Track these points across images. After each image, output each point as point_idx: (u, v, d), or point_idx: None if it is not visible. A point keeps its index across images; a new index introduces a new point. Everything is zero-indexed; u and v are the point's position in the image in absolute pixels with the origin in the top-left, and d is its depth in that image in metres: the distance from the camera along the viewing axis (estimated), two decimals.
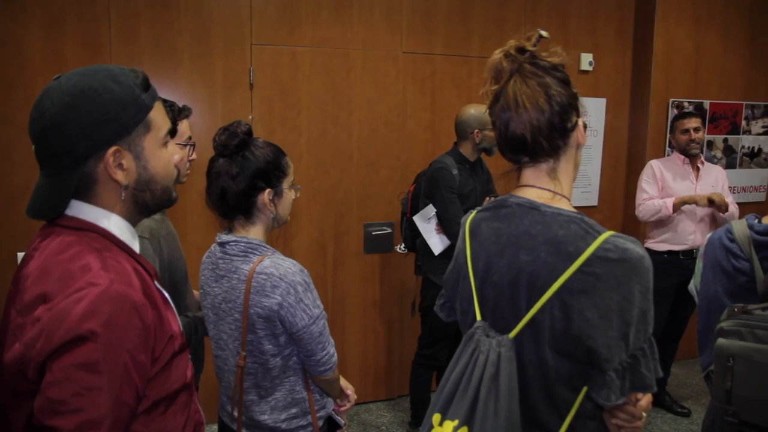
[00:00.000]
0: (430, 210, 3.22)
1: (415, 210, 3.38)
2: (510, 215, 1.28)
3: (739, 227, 1.72)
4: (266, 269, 1.70)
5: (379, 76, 3.88)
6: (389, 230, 3.93)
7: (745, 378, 1.54)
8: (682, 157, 3.87)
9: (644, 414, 1.23)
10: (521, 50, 1.27)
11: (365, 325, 4.06)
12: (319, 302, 1.77)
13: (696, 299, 1.88)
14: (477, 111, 3.25)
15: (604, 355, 1.15)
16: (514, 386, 1.18)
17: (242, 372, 1.77)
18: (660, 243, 3.84)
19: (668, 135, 3.96)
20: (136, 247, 1.21)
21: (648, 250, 3.64)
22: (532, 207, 1.26)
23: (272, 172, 1.78)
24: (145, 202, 1.20)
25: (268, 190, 1.77)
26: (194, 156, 2.17)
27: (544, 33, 1.28)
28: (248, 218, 1.80)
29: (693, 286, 1.93)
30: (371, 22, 3.82)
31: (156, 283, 1.20)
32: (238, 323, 1.75)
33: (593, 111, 4.49)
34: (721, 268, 1.73)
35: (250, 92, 3.60)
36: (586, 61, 4.44)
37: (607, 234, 1.18)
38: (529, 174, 1.31)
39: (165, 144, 1.21)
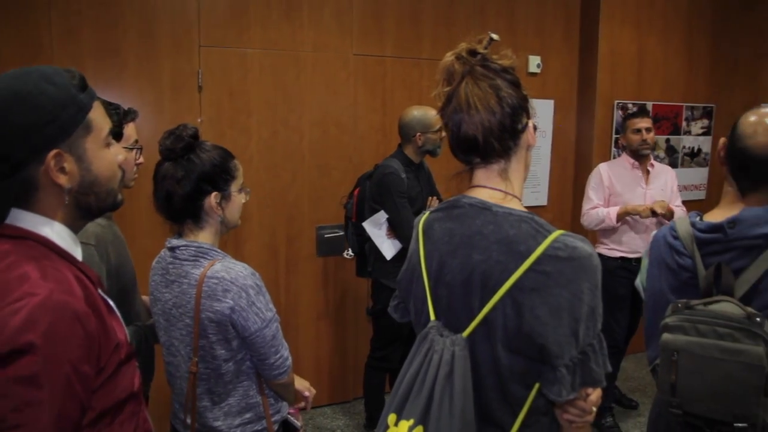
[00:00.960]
0: (381, 216, 3.21)
1: (361, 214, 3.36)
2: (462, 215, 1.30)
3: (682, 225, 1.75)
4: (217, 273, 1.68)
5: (329, 78, 3.86)
6: (342, 233, 3.91)
7: (688, 371, 1.58)
8: (632, 160, 3.78)
9: (594, 408, 1.25)
10: (473, 53, 1.28)
11: (318, 329, 4.03)
12: (271, 305, 1.75)
13: (642, 295, 1.92)
14: (420, 113, 3.25)
15: (555, 352, 1.18)
16: (468, 385, 1.20)
17: (195, 378, 1.74)
18: (612, 249, 3.80)
19: (617, 136, 3.97)
20: (78, 254, 1.17)
21: (601, 256, 3.71)
22: (484, 207, 1.27)
23: (219, 176, 1.76)
24: (88, 205, 1.16)
25: (214, 194, 1.75)
26: (141, 160, 2.12)
27: (495, 36, 1.30)
28: (196, 222, 1.77)
29: (639, 282, 1.97)
30: (321, 24, 3.80)
31: (100, 291, 1.16)
32: (190, 329, 1.72)
33: (542, 112, 4.57)
34: (666, 264, 1.77)
35: (199, 95, 3.54)
36: (534, 63, 4.51)
37: (557, 233, 1.21)
38: (480, 175, 1.33)
39: (107, 145, 1.17)
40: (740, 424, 1.54)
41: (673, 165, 5.09)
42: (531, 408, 1.26)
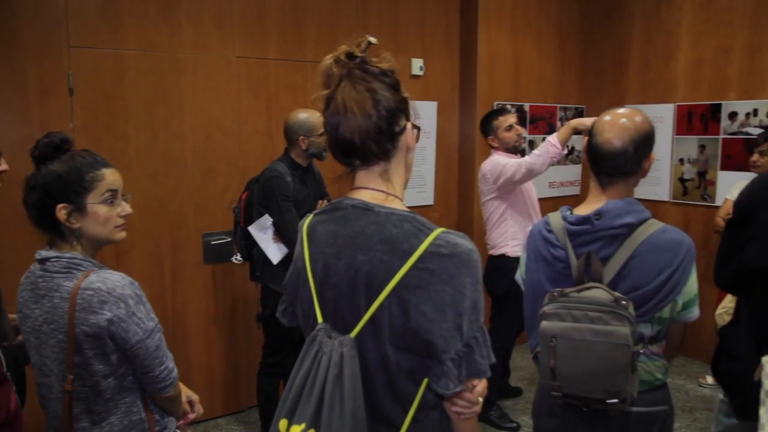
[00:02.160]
0: (266, 220, 3.18)
1: (249, 218, 3.31)
2: (345, 217, 1.31)
3: (555, 219, 1.87)
4: (92, 284, 1.60)
5: (211, 81, 3.77)
6: (229, 239, 3.83)
7: (565, 355, 1.68)
8: (509, 154, 3.80)
9: (480, 399, 1.29)
10: (351, 56, 1.29)
11: (209, 338, 3.93)
12: (153, 315, 1.69)
13: (522, 288, 2.01)
14: (303, 117, 3.23)
15: (440, 347, 1.21)
16: (358, 385, 1.21)
17: (70, 398, 1.64)
18: (516, 249, 3.78)
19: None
20: None
21: (506, 257, 3.81)
22: (367, 208, 1.29)
23: (67, 187, 1.67)
24: None
25: (60, 206, 1.66)
26: (5, 167, 2.00)
27: (372, 39, 1.31)
28: (60, 235, 1.70)
29: (519, 275, 2.06)
30: (201, 26, 3.70)
31: None
32: (63, 345, 1.63)
33: (425, 114, 4.69)
34: (542, 257, 1.87)
35: (70, 99, 3.34)
36: (417, 66, 4.62)
37: (438, 231, 1.24)
38: (362, 176, 1.34)
39: None
40: (612, 400, 1.66)
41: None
42: (420, 403, 1.28)
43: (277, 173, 3.17)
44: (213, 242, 3.84)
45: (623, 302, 1.64)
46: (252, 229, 3.22)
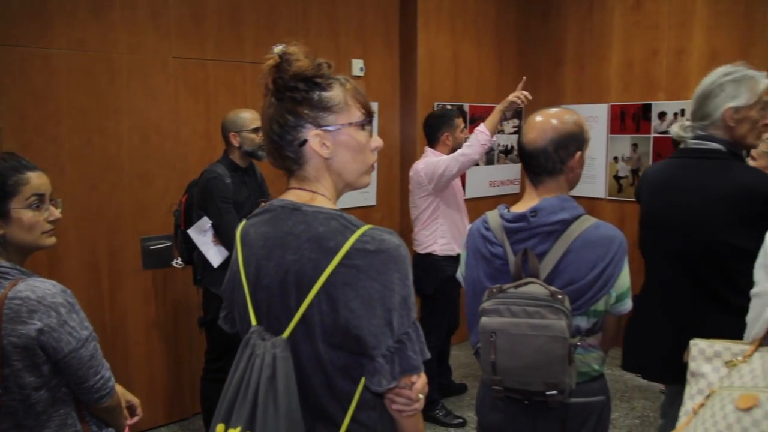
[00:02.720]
0: (205, 222, 3.12)
1: (189, 221, 3.25)
2: (275, 218, 1.33)
3: (493, 217, 1.91)
4: (20, 293, 1.55)
5: (148, 82, 3.68)
6: (169, 243, 3.75)
7: (505, 349, 1.72)
8: (438, 154, 3.82)
9: (420, 396, 1.30)
10: (273, 65, 1.30)
11: (150, 345, 3.83)
12: (87, 324, 1.65)
13: (463, 285, 2.05)
14: (234, 113, 3.21)
15: (371, 343, 1.22)
16: (292, 385, 1.21)
17: None
18: (448, 245, 3.86)
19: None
20: None
21: (433, 256, 3.86)
22: (295, 208, 1.31)
23: None
24: None
25: None
26: None
27: (277, 49, 1.31)
28: None
29: (460, 273, 2.09)
30: (135, 25, 3.61)
31: None
32: None
33: None
34: (481, 254, 1.91)
35: None
36: (357, 66, 4.63)
37: (365, 227, 1.26)
38: (293, 178, 1.37)
39: None
40: (551, 392, 1.71)
41: (491, 162, 5.49)
42: (359, 402, 1.30)
43: (215, 174, 3.12)
44: (152, 247, 3.75)
45: (559, 296, 1.69)
46: (191, 231, 3.17)
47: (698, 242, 2.16)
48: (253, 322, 1.33)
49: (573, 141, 1.83)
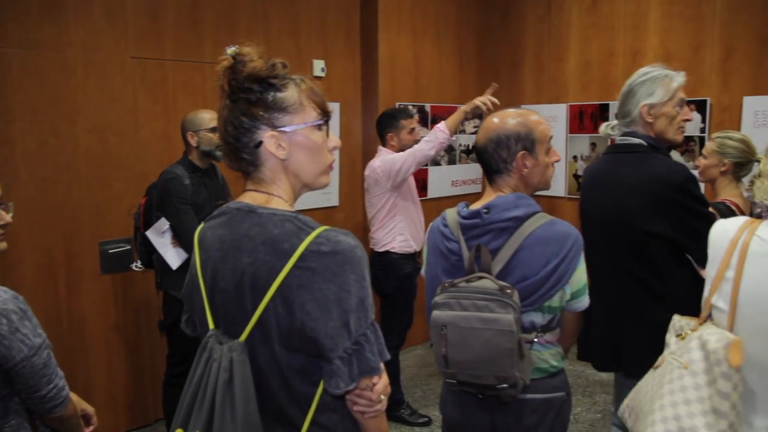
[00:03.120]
0: (164, 223, 3.08)
1: (149, 224, 3.20)
2: (230, 221, 1.32)
3: (451, 214, 1.95)
4: None
5: (104, 82, 3.61)
6: (128, 247, 3.69)
7: (456, 343, 1.74)
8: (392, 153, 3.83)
9: (383, 397, 1.30)
10: (227, 67, 1.30)
11: (110, 351, 3.76)
12: (40, 331, 1.61)
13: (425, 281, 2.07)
14: (194, 114, 3.18)
15: (327, 345, 1.22)
16: (249, 389, 1.21)
17: None
18: (406, 242, 3.88)
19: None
20: None
21: (391, 254, 3.87)
22: (250, 210, 1.30)
23: None
24: None
25: None
26: None
27: (230, 50, 1.30)
28: None
29: (424, 271, 2.11)
30: (91, 24, 3.53)
31: None
32: None
33: None
34: (439, 250, 1.94)
35: None
36: (318, 67, 4.62)
37: (320, 229, 1.26)
38: (250, 180, 1.36)
39: None
40: (502, 385, 1.74)
41: (453, 162, 5.53)
42: (319, 405, 1.29)
43: (173, 175, 3.08)
44: (111, 251, 3.68)
45: (508, 290, 1.71)
46: (150, 233, 3.12)
47: (622, 232, 2.26)
48: (211, 325, 1.32)
49: (515, 140, 1.84)
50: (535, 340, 1.85)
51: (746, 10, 4.26)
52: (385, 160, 3.80)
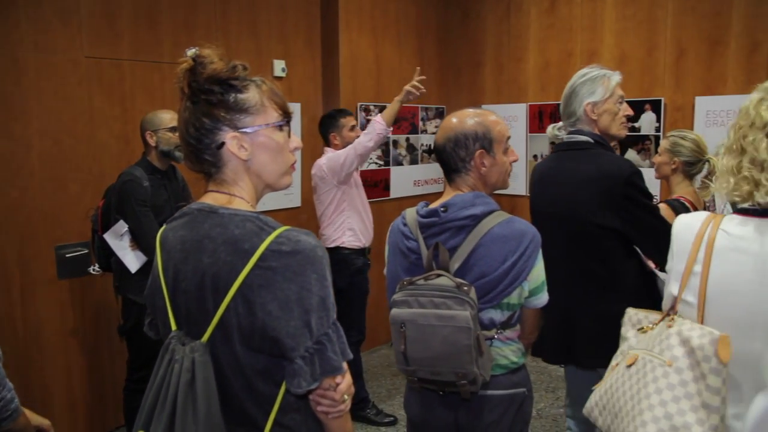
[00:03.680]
0: (122, 226, 3.02)
1: (107, 226, 3.14)
2: (192, 221, 1.33)
3: (410, 213, 1.97)
4: None
5: (58, 82, 3.52)
6: (86, 251, 3.61)
7: (415, 340, 1.76)
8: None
9: (346, 397, 1.31)
10: (187, 69, 1.30)
11: (68, 358, 3.67)
12: None
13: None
14: (153, 114, 3.14)
15: (289, 345, 1.22)
16: (211, 389, 1.21)
17: None
18: (355, 236, 3.93)
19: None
20: None
21: (341, 249, 3.88)
22: (211, 211, 1.31)
23: None
24: None
25: None
26: None
27: (190, 52, 1.30)
28: None
29: (386, 270, 2.12)
30: (42, 23, 3.44)
31: None
32: None
33: None
34: (399, 249, 1.96)
35: None
36: (279, 67, 4.59)
37: (281, 229, 1.27)
38: (211, 181, 1.36)
39: None
40: (462, 382, 1.76)
41: (415, 161, 5.56)
42: (282, 405, 1.30)
43: (131, 177, 3.03)
44: (68, 255, 3.60)
45: (464, 288, 1.74)
46: (107, 236, 3.06)
47: (573, 226, 2.33)
48: (173, 326, 1.32)
49: (473, 140, 1.87)
50: (495, 336, 1.87)
51: (695, 13, 4.38)
52: (330, 157, 3.87)
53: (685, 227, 1.59)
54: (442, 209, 1.85)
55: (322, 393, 1.28)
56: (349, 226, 3.93)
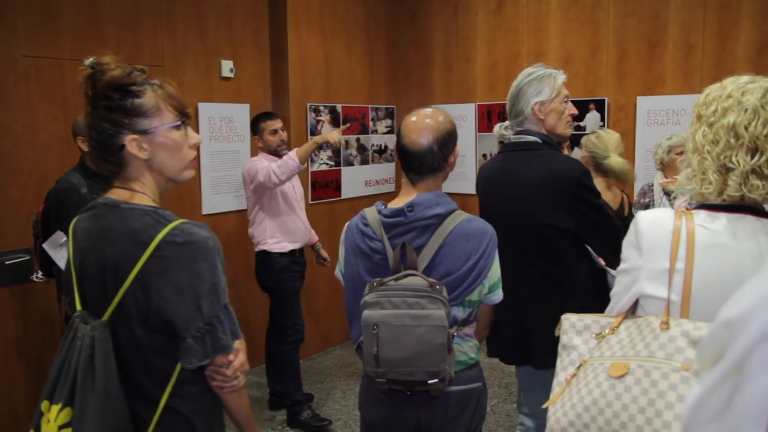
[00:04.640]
0: (60, 236, 2.93)
1: (48, 233, 3.03)
2: (97, 214, 1.48)
3: (371, 213, 1.96)
4: None
5: None
6: (27, 257, 3.48)
7: (388, 341, 1.77)
8: (272, 158, 3.89)
9: (239, 374, 1.49)
10: (87, 76, 1.44)
11: (10, 370, 3.54)
12: None
13: (342, 282, 2.07)
14: (82, 117, 3.05)
15: (180, 325, 1.40)
16: (110, 365, 1.36)
17: None
18: (279, 244, 3.91)
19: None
20: None
21: (267, 253, 3.87)
22: (114, 205, 1.46)
23: None
24: None
25: None
26: None
27: (89, 60, 1.45)
28: None
29: (338, 271, 2.11)
30: None
31: None
32: None
33: (238, 117, 4.61)
34: (360, 250, 1.95)
35: None
36: (227, 68, 4.53)
37: (176, 222, 1.43)
38: (117, 179, 1.52)
39: None
40: (433, 380, 1.78)
41: (366, 162, 5.56)
42: (179, 380, 1.46)
43: (68, 185, 2.96)
44: (8, 262, 3.46)
45: (437, 287, 1.76)
46: (46, 246, 2.97)
47: (524, 226, 2.34)
48: (78, 307, 1.48)
49: (451, 138, 1.94)
50: (455, 334, 1.90)
51: (635, 16, 4.53)
52: (250, 166, 3.90)
53: (655, 224, 1.52)
54: (408, 209, 1.86)
55: (215, 369, 1.46)
56: (270, 233, 3.92)
